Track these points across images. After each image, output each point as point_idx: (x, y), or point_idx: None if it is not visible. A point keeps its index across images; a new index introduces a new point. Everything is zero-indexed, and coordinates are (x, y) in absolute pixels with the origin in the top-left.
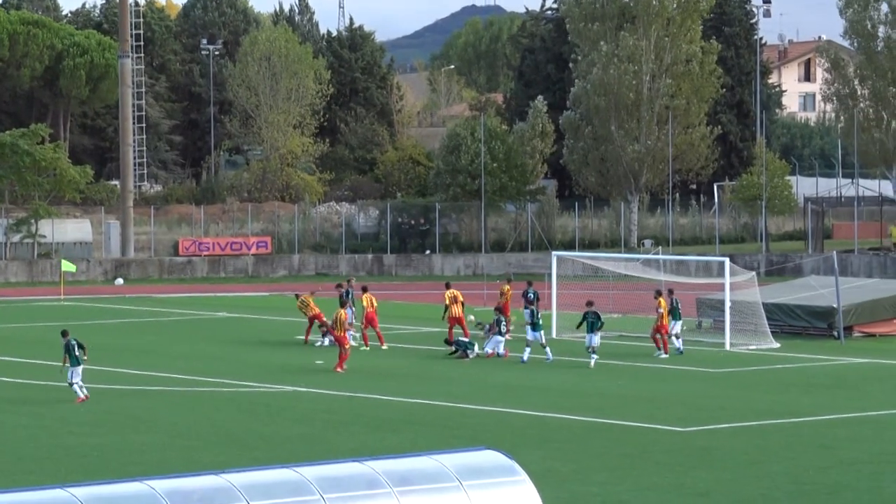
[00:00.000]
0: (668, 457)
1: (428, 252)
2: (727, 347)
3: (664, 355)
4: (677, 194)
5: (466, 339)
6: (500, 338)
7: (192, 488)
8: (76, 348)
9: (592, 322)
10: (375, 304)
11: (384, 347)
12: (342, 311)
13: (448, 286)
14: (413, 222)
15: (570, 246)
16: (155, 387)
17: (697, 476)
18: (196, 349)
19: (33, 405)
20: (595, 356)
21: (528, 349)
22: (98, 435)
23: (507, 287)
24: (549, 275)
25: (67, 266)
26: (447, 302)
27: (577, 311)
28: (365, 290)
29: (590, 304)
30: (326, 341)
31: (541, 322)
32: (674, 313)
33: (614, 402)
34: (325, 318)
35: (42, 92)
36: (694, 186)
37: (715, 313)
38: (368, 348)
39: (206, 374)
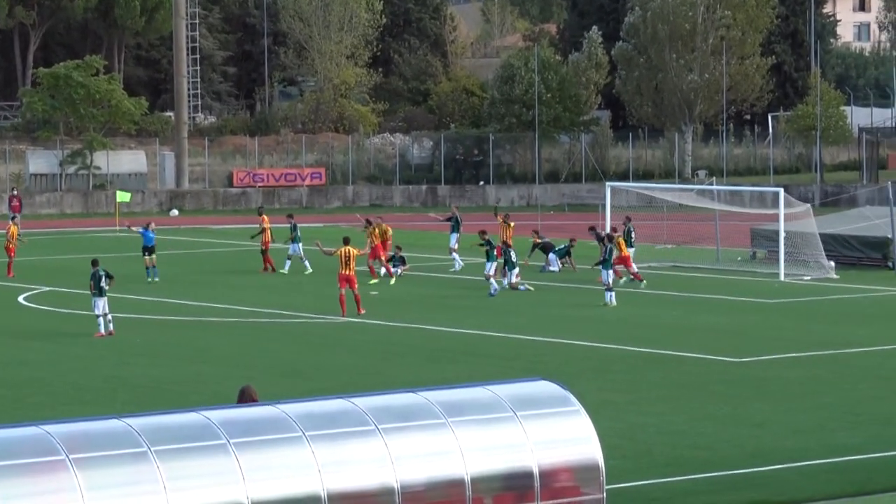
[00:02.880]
0: (724, 387)
1: (482, 183)
2: (782, 278)
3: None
4: (731, 125)
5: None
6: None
7: (248, 418)
8: (103, 279)
9: (607, 259)
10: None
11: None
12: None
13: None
14: (467, 153)
15: (624, 176)
16: (211, 318)
17: (753, 407)
18: (251, 280)
19: (89, 336)
20: (611, 292)
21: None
22: (154, 366)
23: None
24: (604, 205)
25: (122, 196)
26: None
27: (635, 242)
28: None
29: (608, 238)
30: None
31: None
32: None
33: (670, 333)
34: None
35: (96, 23)
36: (748, 117)
37: (769, 244)
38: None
39: (261, 306)
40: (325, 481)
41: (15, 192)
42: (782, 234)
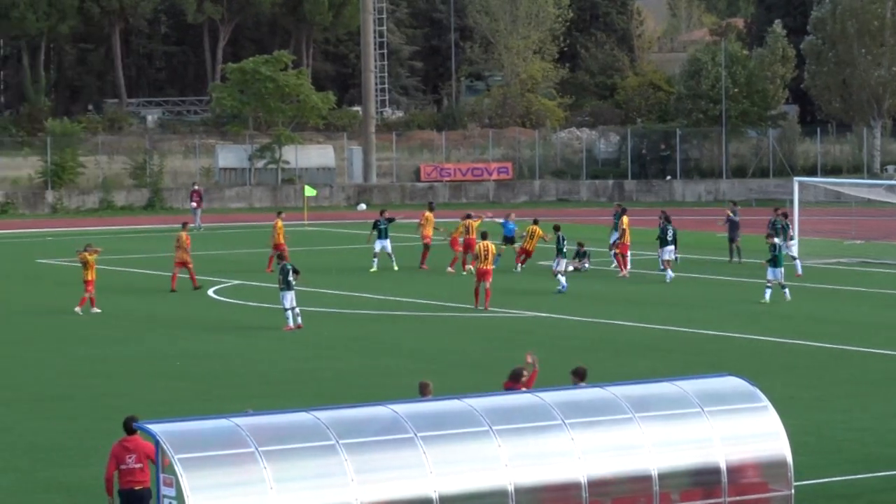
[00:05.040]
0: None
1: (668, 178)
2: None
3: (621, 274)
4: None
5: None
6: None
7: (435, 412)
8: (290, 273)
9: (774, 256)
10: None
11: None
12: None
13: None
14: (653, 148)
15: (811, 172)
16: (399, 312)
17: None
18: (437, 275)
19: (278, 329)
20: (769, 290)
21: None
22: (342, 359)
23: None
24: (791, 201)
25: (310, 191)
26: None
27: (821, 237)
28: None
29: (770, 235)
30: (571, 267)
31: (565, 249)
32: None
33: (857, 329)
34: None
35: (285, 19)
36: None
37: None
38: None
39: (448, 300)
40: (512, 475)
41: (196, 187)
42: None
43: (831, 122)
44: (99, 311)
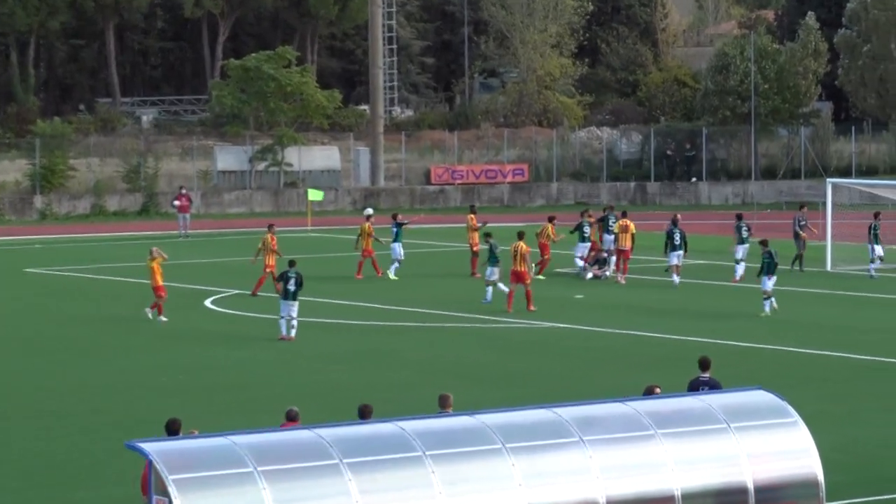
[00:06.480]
0: None
1: (694, 179)
2: None
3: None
4: None
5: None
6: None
7: (445, 429)
8: (291, 281)
9: (768, 264)
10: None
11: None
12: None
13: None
14: (678, 148)
15: (846, 172)
16: (405, 322)
17: None
18: (447, 283)
19: (276, 341)
20: (770, 300)
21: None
22: (348, 372)
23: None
24: (824, 203)
25: (314, 195)
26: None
27: (855, 242)
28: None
29: (764, 243)
30: (590, 274)
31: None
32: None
33: (892, 338)
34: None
35: (288, 13)
36: None
37: None
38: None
39: (457, 310)
40: (527, 495)
41: (183, 191)
42: None
43: (867, 119)
44: (165, 319)
